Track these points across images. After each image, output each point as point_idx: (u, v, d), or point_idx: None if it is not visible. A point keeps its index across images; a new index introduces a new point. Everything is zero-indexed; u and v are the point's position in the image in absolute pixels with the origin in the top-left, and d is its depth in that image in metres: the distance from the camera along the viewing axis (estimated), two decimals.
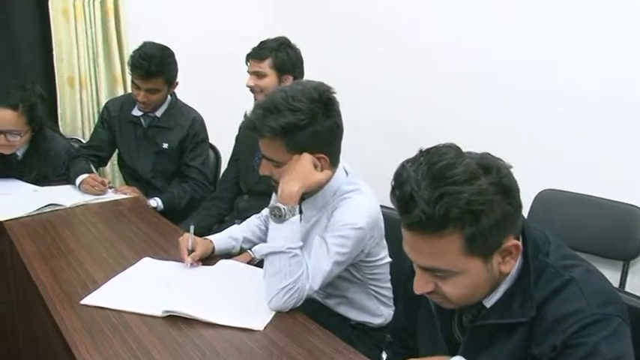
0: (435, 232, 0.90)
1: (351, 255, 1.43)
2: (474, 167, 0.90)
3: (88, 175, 2.31)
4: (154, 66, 2.30)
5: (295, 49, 2.21)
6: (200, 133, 2.53)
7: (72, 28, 2.94)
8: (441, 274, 0.95)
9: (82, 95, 3.04)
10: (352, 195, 1.45)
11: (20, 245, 1.76)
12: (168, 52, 2.40)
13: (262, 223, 1.83)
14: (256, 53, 2.15)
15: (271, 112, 1.36)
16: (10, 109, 2.20)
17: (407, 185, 0.90)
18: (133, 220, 2.04)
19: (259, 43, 2.19)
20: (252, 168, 2.23)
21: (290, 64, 2.16)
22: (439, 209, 0.87)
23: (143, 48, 2.36)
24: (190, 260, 1.59)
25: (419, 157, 0.94)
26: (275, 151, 1.40)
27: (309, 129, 1.37)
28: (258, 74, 2.14)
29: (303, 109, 1.35)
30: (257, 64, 2.15)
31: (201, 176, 2.52)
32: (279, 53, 2.14)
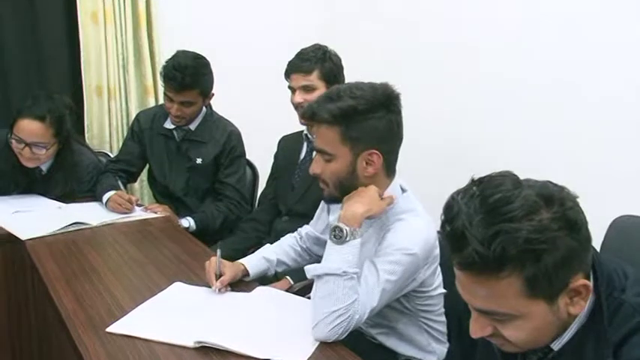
0: (490, 274, 0.89)
1: (402, 283, 1.44)
2: (533, 200, 0.89)
3: (114, 193, 2.39)
4: (188, 77, 2.36)
5: (336, 54, 2.25)
6: (237, 147, 2.58)
7: (101, 33, 3.05)
8: (499, 317, 0.93)
9: (111, 105, 3.14)
10: (407, 217, 1.47)
11: (42, 266, 1.82)
12: (204, 61, 2.47)
13: (297, 243, 1.86)
14: (301, 66, 2.16)
15: (332, 98, 1.45)
16: (37, 121, 2.30)
17: (458, 221, 0.90)
18: (164, 241, 2.09)
19: (298, 55, 2.20)
20: (292, 187, 2.26)
21: (337, 72, 2.19)
22: (495, 249, 0.86)
23: (176, 58, 2.42)
24: (219, 285, 1.63)
25: (470, 187, 0.93)
26: (329, 141, 1.46)
27: (367, 120, 1.44)
28: (306, 88, 2.15)
29: (365, 96, 1.44)
30: (304, 77, 2.16)
31: (236, 195, 2.57)
32: (325, 63, 2.17)
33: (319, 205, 1.83)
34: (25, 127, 2.31)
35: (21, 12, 2.92)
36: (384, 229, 1.48)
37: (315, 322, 1.38)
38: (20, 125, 2.31)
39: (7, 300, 2.13)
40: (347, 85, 1.51)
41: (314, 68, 2.15)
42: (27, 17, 2.95)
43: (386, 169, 1.51)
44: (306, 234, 1.85)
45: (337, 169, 1.48)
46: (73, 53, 3.07)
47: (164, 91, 2.48)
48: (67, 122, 2.41)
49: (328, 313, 1.36)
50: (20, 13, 2.92)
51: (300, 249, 1.85)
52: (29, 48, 2.98)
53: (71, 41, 3.06)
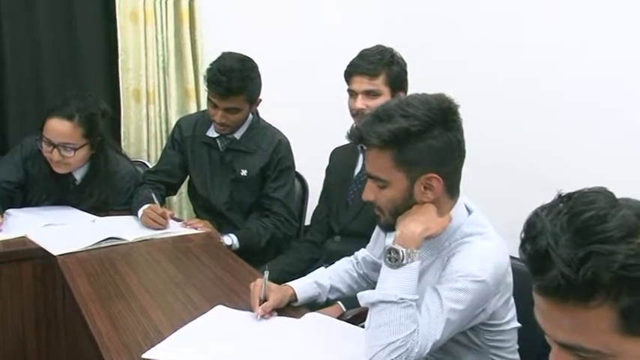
0: (578, 302, 0.86)
1: (469, 314, 1.42)
2: (632, 220, 0.85)
3: (148, 206, 2.44)
4: (234, 82, 2.40)
5: (402, 58, 2.25)
6: (285, 159, 2.61)
7: (140, 33, 3.15)
8: (585, 354, 0.90)
9: (149, 111, 3.23)
10: (475, 239, 1.45)
11: (75, 285, 1.88)
12: (251, 64, 2.50)
13: (353, 269, 1.85)
14: (367, 69, 2.16)
15: (381, 119, 1.43)
16: (65, 120, 2.39)
17: (542, 239, 0.88)
18: (204, 259, 2.12)
19: (362, 56, 2.20)
20: (346, 204, 2.26)
21: (403, 78, 2.19)
22: (584, 273, 0.83)
23: (222, 61, 2.47)
24: (260, 312, 1.64)
25: (557, 203, 0.91)
26: (381, 167, 1.45)
27: (423, 140, 1.41)
28: (371, 93, 2.15)
29: (418, 116, 1.40)
30: (370, 81, 2.16)
31: (284, 210, 2.59)
32: (392, 67, 2.17)
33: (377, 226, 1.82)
34: (52, 128, 2.40)
35: (58, 11, 3.05)
36: (448, 253, 1.46)
37: (370, 354, 1.37)
38: (48, 126, 2.41)
39: (36, 318, 2.20)
40: (395, 102, 1.48)
41: (381, 72, 2.15)
42: (64, 17, 3.06)
43: (448, 191, 1.48)
44: (363, 259, 1.85)
45: (392, 196, 1.47)
46: (111, 55, 3.17)
47: (208, 97, 2.52)
48: (98, 123, 2.48)
49: (384, 345, 1.34)
50: (57, 13, 3.04)
51: (357, 275, 1.84)
52: (65, 50, 3.10)
53: (109, 42, 3.17)
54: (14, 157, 2.57)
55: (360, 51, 2.24)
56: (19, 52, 2.99)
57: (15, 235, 2.27)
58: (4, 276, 2.13)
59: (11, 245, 2.21)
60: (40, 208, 2.59)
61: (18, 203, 2.58)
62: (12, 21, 2.95)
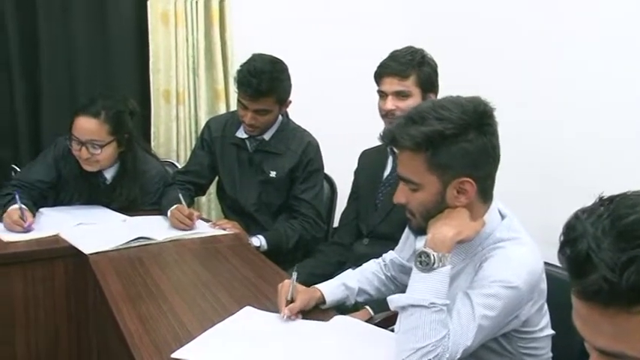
0: (620, 308, 0.84)
1: (501, 320, 1.40)
2: None
3: (175, 207, 2.46)
4: (264, 84, 2.41)
5: (433, 59, 2.24)
6: (314, 160, 2.62)
7: (171, 34, 3.19)
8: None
9: (179, 111, 3.27)
10: (508, 245, 1.43)
11: (106, 284, 1.90)
12: (281, 66, 2.51)
13: (381, 271, 1.85)
14: (398, 69, 2.15)
15: (414, 121, 1.41)
16: (91, 117, 2.44)
17: (582, 242, 0.86)
18: (233, 260, 2.13)
19: (392, 57, 2.20)
20: (375, 206, 2.25)
21: (434, 79, 2.18)
22: (628, 278, 0.81)
23: (252, 62, 2.48)
24: (287, 312, 1.64)
25: (598, 206, 0.89)
26: (414, 169, 1.44)
27: (457, 144, 1.39)
28: (401, 94, 2.14)
29: (452, 119, 1.39)
30: (400, 82, 2.15)
31: (312, 212, 2.60)
32: (423, 68, 2.15)
33: (405, 228, 1.81)
34: (80, 126, 2.45)
35: (92, 14, 3.10)
36: (481, 258, 1.45)
37: (400, 359, 1.36)
38: (76, 125, 2.46)
39: (68, 315, 2.23)
40: (429, 104, 1.47)
41: (411, 73, 2.14)
42: (97, 19, 3.12)
43: (481, 195, 1.47)
44: (391, 261, 1.84)
45: (424, 200, 1.45)
46: (142, 56, 3.21)
47: (238, 98, 2.54)
48: (125, 120, 2.53)
49: (414, 350, 1.34)
50: (91, 15, 3.10)
51: (385, 277, 1.83)
52: (98, 51, 3.15)
53: (140, 44, 3.21)
54: (47, 157, 2.62)
55: (391, 52, 2.24)
56: (54, 55, 3.05)
57: (48, 233, 2.31)
58: (37, 273, 2.17)
59: (44, 243, 2.24)
60: (71, 207, 2.63)
61: (50, 202, 2.63)
62: (49, 24, 3.01)
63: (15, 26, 2.95)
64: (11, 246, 2.20)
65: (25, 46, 3.00)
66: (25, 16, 2.97)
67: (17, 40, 2.97)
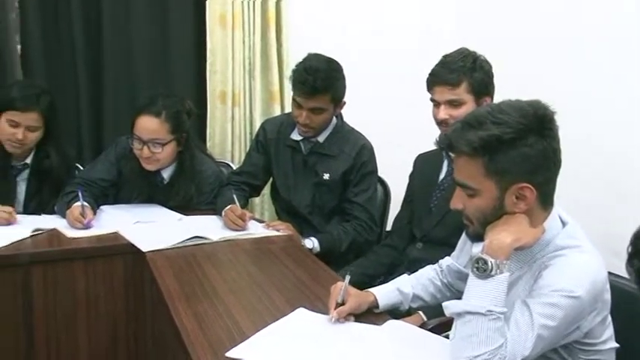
0: None
1: (561, 331, 1.37)
2: None
3: (229, 207, 2.49)
4: (319, 81, 2.44)
5: (486, 61, 2.19)
6: (368, 163, 2.62)
7: (228, 36, 3.24)
8: None
9: (234, 113, 3.32)
10: (570, 253, 1.40)
11: (163, 282, 1.94)
12: (336, 65, 2.54)
13: (437, 277, 1.84)
14: (447, 78, 2.11)
15: (472, 126, 1.40)
16: (153, 116, 2.51)
17: None
18: (286, 262, 2.15)
19: (442, 63, 2.16)
20: (429, 210, 2.24)
21: (487, 83, 2.14)
22: None
23: (308, 61, 2.52)
24: (335, 315, 1.65)
25: None
26: (471, 175, 1.42)
27: (515, 148, 1.37)
28: (453, 103, 2.12)
29: (510, 123, 1.37)
30: (451, 90, 2.11)
31: (365, 215, 2.60)
32: (475, 73, 2.11)
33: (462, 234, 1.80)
34: (141, 125, 2.51)
35: (153, 16, 3.19)
36: (540, 266, 1.42)
37: None
38: (137, 124, 2.52)
39: (126, 311, 2.30)
40: (489, 108, 1.44)
41: (462, 80, 2.10)
42: (158, 22, 3.21)
43: (541, 201, 1.44)
44: (448, 267, 1.83)
45: (482, 206, 1.44)
46: (199, 58, 3.28)
47: (293, 97, 2.56)
48: (183, 120, 2.59)
49: (469, 358, 1.32)
50: (152, 18, 3.19)
51: (441, 284, 1.83)
52: (157, 54, 3.24)
53: (198, 46, 3.28)
54: (109, 156, 2.70)
55: (441, 57, 2.19)
56: (116, 56, 3.15)
57: (107, 230, 2.37)
58: (97, 269, 2.24)
59: (104, 240, 2.31)
60: (130, 205, 2.70)
61: (111, 200, 2.72)
62: (112, 26, 3.12)
63: (80, 28, 3.07)
64: (74, 242, 2.27)
65: (90, 47, 3.11)
66: (91, 18, 3.08)
67: (82, 42, 3.08)
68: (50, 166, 2.64)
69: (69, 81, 3.11)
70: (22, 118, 2.49)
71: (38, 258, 2.18)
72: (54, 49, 3.08)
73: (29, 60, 3.05)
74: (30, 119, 2.50)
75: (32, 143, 2.58)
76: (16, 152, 2.58)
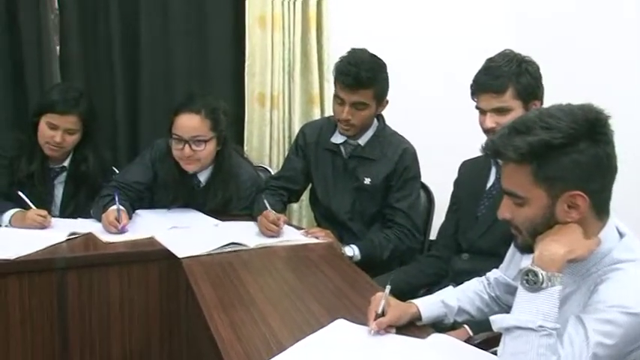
0: None
1: (620, 350, 1.32)
2: None
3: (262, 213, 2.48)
4: (363, 72, 2.43)
5: (532, 62, 2.14)
6: (411, 168, 2.59)
7: (268, 37, 3.26)
8: None
9: (273, 116, 3.33)
10: (628, 266, 1.35)
11: (198, 289, 1.95)
12: (381, 61, 2.54)
13: (484, 290, 1.80)
14: (492, 85, 2.07)
15: (519, 131, 1.37)
16: (193, 114, 2.55)
17: None
18: (325, 270, 2.14)
19: (486, 69, 2.12)
20: (476, 219, 2.20)
21: (535, 86, 2.08)
22: None
23: (352, 53, 2.52)
24: (374, 327, 1.62)
25: None
26: (519, 182, 1.39)
27: (566, 154, 1.33)
28: (499, 110, 2.07)
29: (560, 127, 1.33)
30: (496, 98, 2.07)
31: (408, 222, 2.57)
32: (521, 78, 2.06)
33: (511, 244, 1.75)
34: (182, 123, 2.54)
35: (191, 15, 3.21)
36: (596, 280, 1.37)
37: None
38: (178, 123, 2.55)
39: (161, 317, 2.31)
40: (537, 113, 1.40)
41: (507, 86, 2.05)
42: (195, 23, 3.23)
43: (595, 210, 1.39)
44: (496, 280, 1.79)
45: (531, 215, 1.40)
46: (238, 59, 3.29)
47: (335, 94, 2.55)
48: (222, 118, 2.61)
49: None
50: (190, 17, 3.21)
51: (488, 297, 1.79)
52: (195, 55, 3.27)
53: (237, 46, 3.30)
54: (145, 158, 2.73)
55: (485, 62, 2.15)
56: (153, 58, 3.19)
57: (143, 235, 2.40)
58: (132, 275, 2.26)
59: (139, 246, 2.34)
60: (166, 210, 2.72)
61: (146, 204, 2.75)
62: (149, 27, 3.16)
63: (118, 29, 3.12)
64: (110, 247, 2.31)
65: (127, 49, 3.15)
66: (129, 19, 3.13)
67: (119, 43, 3.13)
68: (87, 169, 2.70)
69: (105, 83, 3.16)
70: (61, 120, 2.54)
71: (74, 263, 2.21)
72: (91, 50, 3.14)
73: (67, 61, 3.11)
74: (69, 122, 2.56)
75: (70, 146, 2.64)
76: (53, 155, 2.63)
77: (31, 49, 3.00)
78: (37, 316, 2.15)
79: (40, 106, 2.60)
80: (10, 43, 3.01)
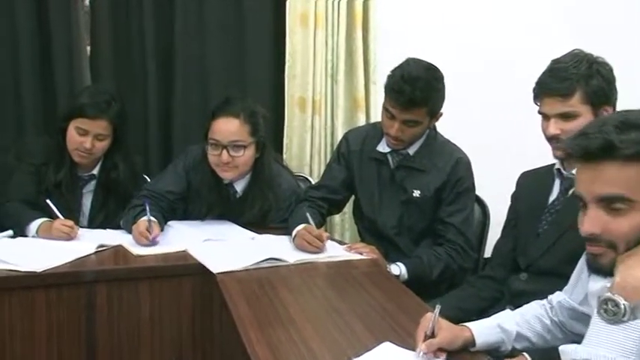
0: None
1: None
2: None
3: (303, 227, 2.49)
4: (418, 92, 2.39)
5: (604, 63, 2.09)
6: (465, 180, 2.58)
7: (309, 37, 3.29)
8: None
9: (314, 121, 3.36)
10: None
11: (234, 306, 1.97)
12: (437, 74, 2.49)
13: (546, 315, 1.77)
14: (557, 88, 2.03)
15: (630, 125, 1.33)
16: (232, 117, 2.58)
17: None
18: (370, 289, 2.13)
19: (552, 71, 2.08)
20: (537, 236, 2.17)
21: (606, 90, 2.04)
22: None
23: (406, 67, 2.46)
24: (423, 348, 1.61)
25: None
26: (628, 184, 1.32)
27: None
28: (565, 116, 2.03)
29: None
30: (562, 102, 2.03)
31: (460, 238, 2.56)
32: (591, 80, 2.01)
33: (577, 265, 1.73)
34: (220, 128, 2.58)
35: (228, 14, 3.27)
36: None
37: None
38: (215, 127, 2.59)
39: (193, 335, 2.34)
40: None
41: (575, 89, 2.01)
42: (233, 19, 3.28)
43: None
44: (559, 303, 1.76)
45: (637, 224, 1.33)
46: (277, 61, 3.34)
47: (384, 106, 2.53)
48: (261, 122, 2.65)
49: None
50: (227, 14, 3.27)
51: (550, 323, 1.76)
52: (232, 54, 3.32)
53: (276, 47, 3.34)
54: (178, 167, 2.78)
55: (551, 62, 2.11)
56: (187, 60, 3.25)
57: (175, 248, 2.43)
58: (164, 290, 2.30)
59: (171, 259, 2.37)
60: (199, 221, 2.76)
61: (179, 215, 2.78)
62: (184, 27, 3.22)
63: (152, 28, 3.19)
64: (140, 260, 2.34)
65: (161, 49, 3.23)
66: (163, 18, 3.20)
67: (153, 43, 3.21)
68: (118, 177, 2.75)
69: (137, 85, 3.24)
70: (91, 125, 2.60)
71: (103, 276, 2.26)
72: (123, 51, 3.22)
73: (98, 61, 3.19)
74: (99, 127, 2.61)
75: (100, 152, 2.69)
76: (83, 162, 2.69)
77: (62, 49, 3.09)
78: (64, 330, 2.20)
79: (69, 110, 2.66)
80: (40, 43, 3.10)
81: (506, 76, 3.22)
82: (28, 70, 3.11)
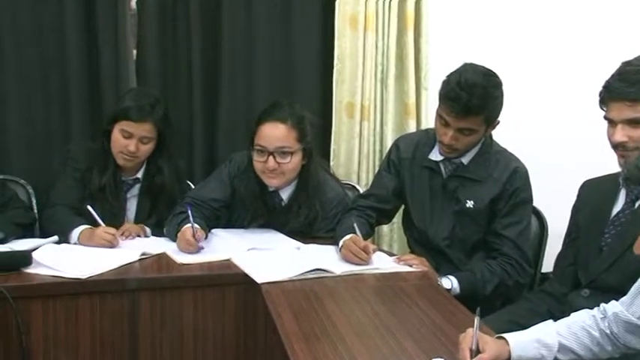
0: None
1: None
2: None
3: (349, 237, 2.49)
4: (475, 100, 2.37)
5: None
6: (522, 190, 2.55)
7: (359, 40, 3.29)
8: None
9: (363, 128, 3.36)
10: None
11: (279, 318, 1.98)
12: (495, 81, 2.46)
13: (595, 326, 1.73)
14: (627, 92, 1.99)
15: None
16: (279, 123, 2.60)
17: None
18: (420, 303, 2.13)
19: (620, 74, 2.04)
20: (599, 250, 2.14)
21: None
22: None
23: (463, 73, 2.43)
24: None
25: None
26: None
27: None
28: (633, 122, 2.00)
29: None
30: (631, 107, 2.00)
31: (516, 252, 2.53)
32: None
33: None
34: (266, 133, 2.59)
35: (275, 16, 3.30)
36: None
37: None
38: (261, 132, 2.61)
39: (236, 346, 2.37)
40: None
41: None
42: (281, 22, 3.32)
43: None
44: (615, 315, 1.71)
45: None
46: (326, 64, 3.35)
47: (438, 113, 2.51)
48: (308, 128, 2.66)
49: None
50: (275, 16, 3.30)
51: (600, 335, 1.72)
52: (279, 58, 3.35)
53: (324, 50, 3.36)
54: (222, 174, 2.81)
55: (620, 65, 2.08)
56: (234, 63, 3.29)
57: (219, 257, 2.47)
58: (207, 300, 2.33)
59: (215, 268, 2.40)
60: (244, 230, 2.80)
61: (223, 223, 2.82)
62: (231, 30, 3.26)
63: (198, 32, 3.24)
64: (184, 268, 2.38)
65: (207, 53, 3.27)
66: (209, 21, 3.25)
67: (199, 47, 3.25)
68: (162, 181, 2.81)
69: (183, 90, 3.29)
70: (135, 128, 2.65)
71: (146, 285, 2.30)
72: (169, 54, 3.27)
73: (144, 65, 3.25)
74: (144, 130, 2.67)
75: (144, 156, 2.75)
76: (127, 165, 2.75)
77: (108, 51, 3.15)
78: (107, 338, 2.25)
79: (114, 112, 2.72)
80: (87, 46, 3.17)
81: (568, 81, 3.18)
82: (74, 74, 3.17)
